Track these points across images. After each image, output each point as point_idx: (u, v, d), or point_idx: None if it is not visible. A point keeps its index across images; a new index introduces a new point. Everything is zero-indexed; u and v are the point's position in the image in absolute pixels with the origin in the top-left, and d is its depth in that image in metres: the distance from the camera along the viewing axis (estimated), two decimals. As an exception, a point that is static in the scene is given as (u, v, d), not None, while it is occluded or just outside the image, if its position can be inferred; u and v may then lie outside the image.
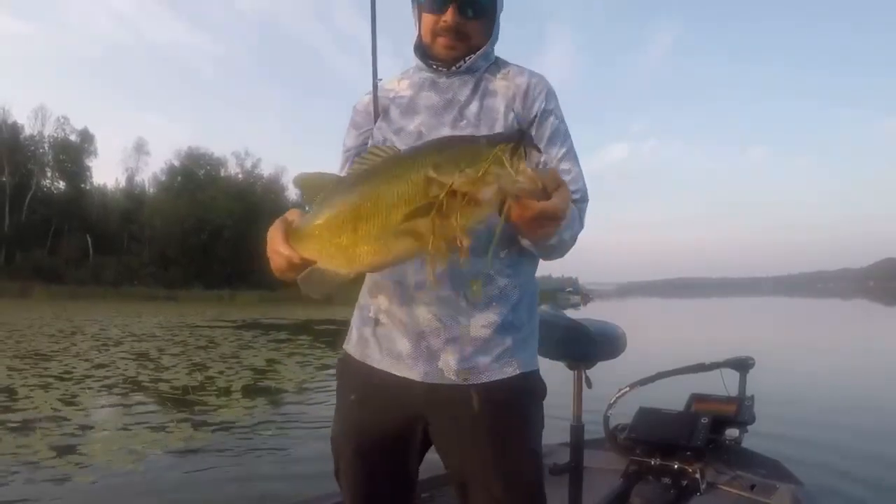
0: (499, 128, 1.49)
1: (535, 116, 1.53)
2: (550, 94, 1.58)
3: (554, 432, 4.80)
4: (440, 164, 1.01)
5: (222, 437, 5.87)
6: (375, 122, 1.63)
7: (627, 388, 3.47)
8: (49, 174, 61.35)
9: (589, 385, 2.56)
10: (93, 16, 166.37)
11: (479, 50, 1.57)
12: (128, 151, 67.86)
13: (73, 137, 61.73)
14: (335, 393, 1.68)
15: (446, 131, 1.51)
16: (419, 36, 1.62)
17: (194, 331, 18.74)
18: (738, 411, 3.51)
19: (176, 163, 64.44)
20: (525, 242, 1.41)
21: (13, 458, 5.02)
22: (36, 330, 17.43)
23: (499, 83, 1.58)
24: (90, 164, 63.25)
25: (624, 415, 3.56)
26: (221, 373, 10.00)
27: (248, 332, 18.87)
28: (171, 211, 56.94)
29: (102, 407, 7.29)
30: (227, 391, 8.31)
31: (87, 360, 11.20)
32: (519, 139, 1.04)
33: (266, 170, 67.82)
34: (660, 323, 29.78)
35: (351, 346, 1.64)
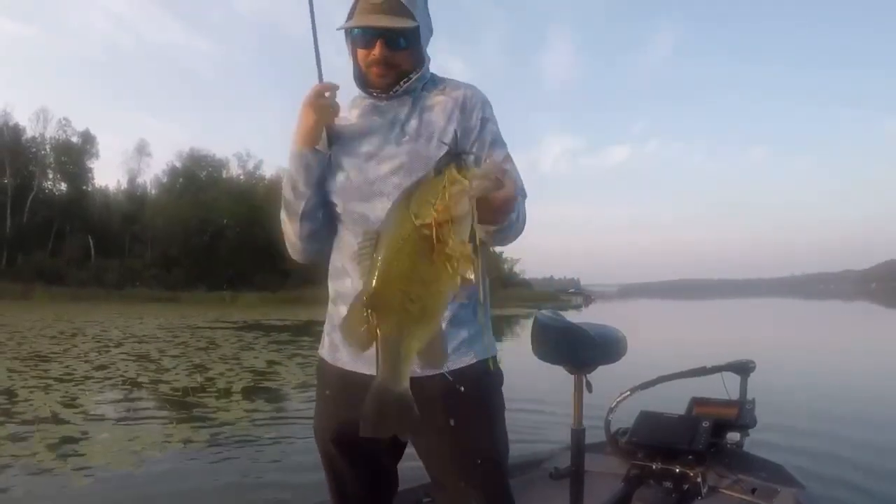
0: (435, 138, 1.66)
1: (476, 125, 1.70)
2: (486, 104, 1.75)
3: (555, 436, 4.84)
4: (418, 213, 1.13)
5: (222, 439, 5.86)
6: (330, 146, 1.76)
7: (628, 392, 3.47)
8: (51, 176, 61.39)
9: (590, 389, 2.55)
10: (92, 18, 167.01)
11: (410, 73, 1.70)
12: (129, 153, 67.85)
13: (74, 139, 61.75)
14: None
15: (391, 148, 1.69)
16: (356, 66, 1.75)
17: (195, 332, 18.75)
18: (739, 415, 3.50)
19: (178, 164, 64.51)
20: (484, 236, 1.47)
21: (12, 459, 5.02)
22: (37, 332, 17.45)
23: (436, 98, 1.73)
24: (92, 165, 63.31)
25: (625, 419, 3.56)
26: (222, 374, 9.99)
27: (249, 333, 18.89)
28: (173, 212, 56.94)
29: (102, 408, 7.27)
30: (227, 392, 8.30)
31: (87, 362, 11.21)
32: (456, 155, 1.17)
33: (268, 171, 67.86)
34: (661, 325, 29.74)
35: (324, 351, 1.85)
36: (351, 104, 1.83)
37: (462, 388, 1.62)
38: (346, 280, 1.74)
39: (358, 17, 1.63)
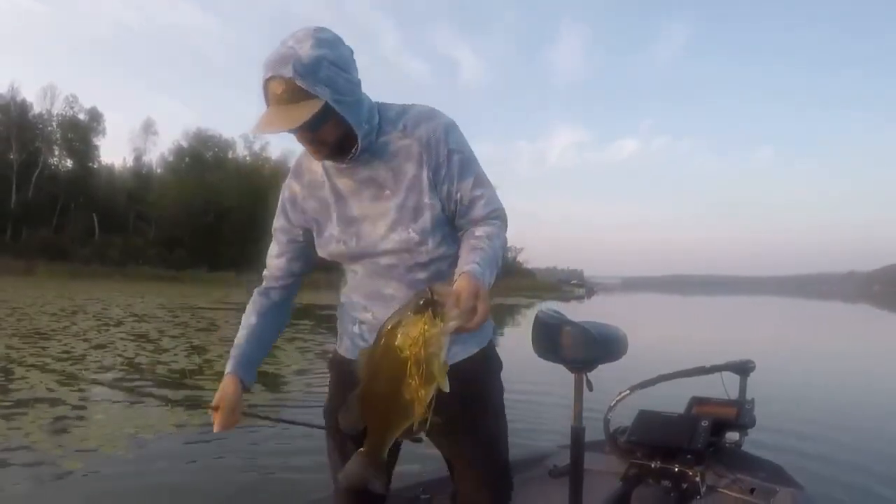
0: (415, 187, 1.69)
1: (444, 161, 1.69)
2: (449, 130, 1.72)
3: (554, 434, 4.80)
4: (401, 346, 1.34)
5: (217, 423, 5.80)
6: None
7: (628, 391, 3.45)
8: (57, 152, 61.59)
9: (590, 388, 2.51)
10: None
11: (346, 137, 1.63)
12: (136, 131, 67.97)
13: (81, 116, 61.93)
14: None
15: (376, 206, 1.72)
16: None
17: (196, 312, 18.77)
18: (738, 414, 3.49)
19: (184, 143, 64.66)
20: None
21: (4, 439, 4.99)
22: (38, 308, 17.49)
23: (400, 143, 1.70)
24: (98, 143, 63.55)
25: (624, 417, 3.53)
26: (220, 356, 9.95)
27: (250, 315, 18.82)
28: (178, 192, 57.04)
29: (98, 389, 7.21)
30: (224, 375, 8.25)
31: (86, 341, 11.21)
32: (429, 302, 1.34)
33: (274, 153, 67.89)
34: (662, 321, 29.74)
35: (343, 349, 1.94)
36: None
37: (466, 374, 1.73)
38: (366, 314, 1.84)
39: (264, 116, 1.56)
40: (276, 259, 1.93)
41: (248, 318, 1.95)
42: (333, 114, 1.56)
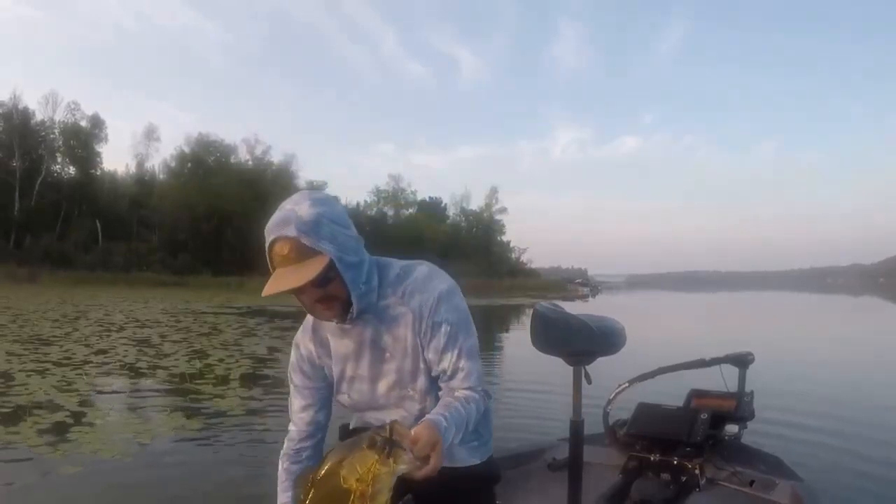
0: (413, 352, 1.72)
1: (428, 331, 1.70)
2: (441, 302, 1.71)
3: (554, 428, 4.79)
4: (345, 477, 1.32)
5: (215, 427, 5.82)
6: None
7: (627, 384, 3.44)
8: (59, 159, 61.58)
9: (588, 381, 2.49)
10: (103, 1, 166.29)
11: (349, 294, 1.63)
12: (138, 137, 68.00)
13: (83, 123, 61.87)
14: None
15: (376, 367, 1.76)
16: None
17: (199, 317, 18.79)
18: (737, 407, 3.48)
19: (186, 149, 64.60)
20: None
21: (3, 444, 4.99)
22: (40, 315, 17.52)
23: (398, 308, 1.72)
24: (100, 149, 63.41)
25: (623, 410, 3.52)
26: (221, 360, 9.99)
27: (252, 319, 18.92)
28: (181, 197, 57.10)
29: (97, 394, 7.25)
30: (224, 380, 8.27)
31: (87, 346, 11.23)
32: (387, 441, 1.33)
33: (276, 157, 67.83)
34: (665, 316, 29.73)
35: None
36: None
37: (464, 482, 1.84)
38: None
39: (272, 278, 1.56)
40: (301, 413, 1.91)
41: (287, 493, 1.93)
42: (338, 271, 1.57)
